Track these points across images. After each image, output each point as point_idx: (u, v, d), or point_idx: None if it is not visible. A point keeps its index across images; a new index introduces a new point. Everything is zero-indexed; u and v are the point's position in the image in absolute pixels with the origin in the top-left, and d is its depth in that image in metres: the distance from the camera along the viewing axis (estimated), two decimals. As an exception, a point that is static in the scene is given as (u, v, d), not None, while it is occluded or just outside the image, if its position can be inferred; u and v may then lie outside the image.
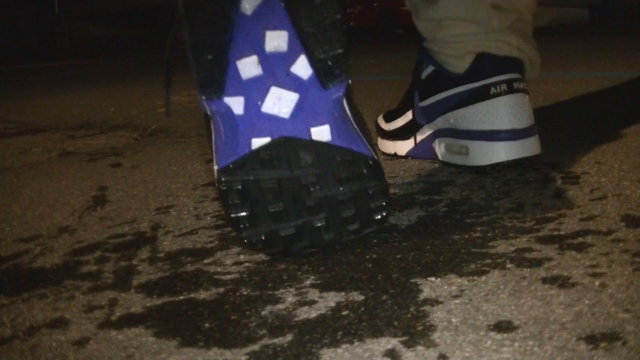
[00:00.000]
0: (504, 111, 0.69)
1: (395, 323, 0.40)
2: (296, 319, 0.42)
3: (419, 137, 0.79)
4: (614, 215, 0.54)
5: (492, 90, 0.70)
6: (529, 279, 0.44)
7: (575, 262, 0.46)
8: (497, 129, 0.69)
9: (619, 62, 1.79)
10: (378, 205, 0.51)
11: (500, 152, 0.69)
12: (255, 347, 0.39)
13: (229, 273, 0.50)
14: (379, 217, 0.52)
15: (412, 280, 0.46)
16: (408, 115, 0.80)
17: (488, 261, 0.48)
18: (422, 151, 0.79)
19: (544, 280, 0.44)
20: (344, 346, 0.38)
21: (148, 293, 0.48)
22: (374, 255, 0.51)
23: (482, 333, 0.38)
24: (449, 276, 0.46)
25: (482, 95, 0.70)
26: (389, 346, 0.37)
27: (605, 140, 0.82)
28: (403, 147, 0.82)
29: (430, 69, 0.76)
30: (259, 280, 0.49)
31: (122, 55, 3.59)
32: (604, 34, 2.98)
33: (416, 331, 0.39)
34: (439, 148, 0.76)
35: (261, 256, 0.53)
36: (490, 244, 0.51)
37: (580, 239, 0.50)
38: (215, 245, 0.57)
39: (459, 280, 0.45)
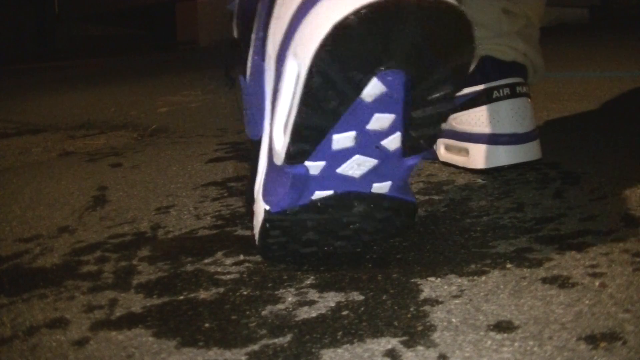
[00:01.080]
0: (505, 115, 0.69)
1: (395, 323, 0.40)
2: (296, 319, 0.42)
3: None
4: (614, 215, 0.54)
5: (495, 93, 0.70)
6: (529, 279, 0.44)
7: (575, 262, 0.46)
8: (498, 133, 0.69)
9: (619, 62, 1.79)
10: (398, 232, 0.53)
11: (501, 156, 0.70)
12: (255, 347, 0.39)
13: (229, 273, 0.50)
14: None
15: (412, 280, 0.46)
16: None
17: (488, 261, 0.48)
18: None
19: (544, 280, 0.44)
20: (344, 346, 0.38)
21: (148, 293, 0.48)
22: (374, 255, 0.51)
23: (482, 333, 0.38)
24: (449, 276, 0.46)
25: (484, 98, 0.70)
26: (389, 346, 0.37)
27: (605, 140, 0.82)
28: None
29: None
30: (259, 280, 0.49)
31: (122, 55, 3.59)
32: (604, 34, 2.98)
33: (416, 331, 0.39)
34: (440, 148, 0.76)
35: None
36: (490, 244, 0.51)
37: (580, 239, 0.50)
38: (215, 245, 0.57)
39: (459, 280, 0.45)
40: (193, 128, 1.25)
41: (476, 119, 0.71)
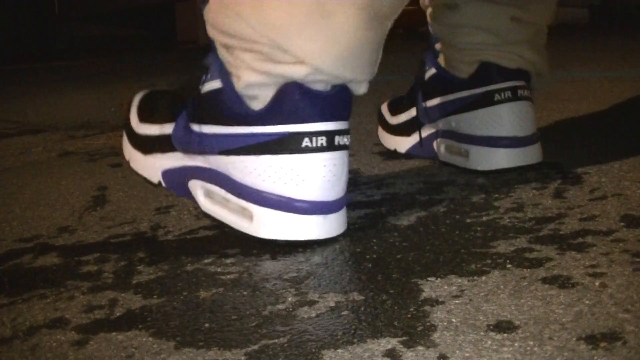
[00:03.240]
0: (507, 118, 0.69)
1: (395, 323, 0.40)
2: (296, 319, 0.42)
3: (422, 135, 0.79)
4: (614, 215, 0.54)
5: (496, 96, 0.70)
6: (529, 279, 0.44)
7: (575, 262, 0.46)
8: (499, 136, 0.70)
9: (619, 62, 1.79)
10: None
11: (501, 159, 0.70)
12: (255, 347, 0.39)
13: (229, 273, 0.50)
14: None
15: (412, 280, 0.46)
16: (412, 112, 0.80)
17: (488, 261, 0.48)
18: (423, 149, 0.79)
19: (544, 280, 0.44)
20: (344, 346, 0.38)
21: (148, 293, 0.48)
22: (374, 255, 0.51)
23: (482, 333, 0.38)
24: (449, 276, 0.46)
25: (485, 101, 0.70)
26: (389, 346, 0.37)
27: (605, 140, 0.82)
28: (404, 143, 0.82)
29: (432, 71, 0.75)
30: (259, 280, 0.49)
31: (122, 55, 3.59)
32: (604, 34, 2.98)
33: (416, 331, 0.39)
34: (440, 148, 0.76)
35: (261, 256, 0.53)
36: (490, 244, 0.51)
37: (580, 239, 0.50)
38: (215, 245, 0.57)
39: (459, 280, 0.45)
40: (193, 128, 1.25)
41: (477, 122, 0.71)
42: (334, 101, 0.52)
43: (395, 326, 0.39)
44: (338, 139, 0.53)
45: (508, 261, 0.47)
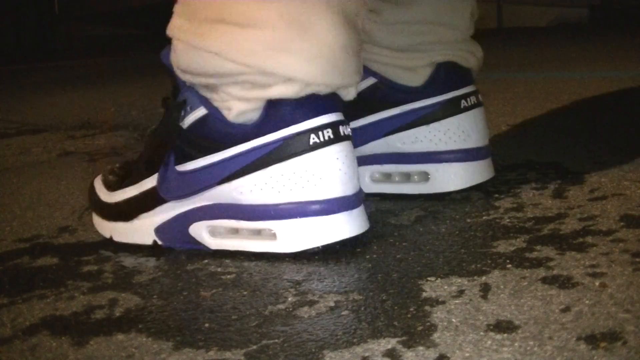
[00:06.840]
0: (475, 127, 0.63)
1: (395, 323, 0.40)
2: (296, 319, 0.42)
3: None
4: (614, 215, 0.54)
5: (463, 103, 0.62)
6: (529, 279, 0.44)
7: (575, 262, 0.46)
8: (470, 147, 0.62)
9: (619, 62, 1.79)
10: None
11: (478, 173, 0.63)
12: (255, 347, 0.39)
13: (229, 273, 0.50)
14: None
15: (412, 280, 0.46)
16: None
17: (488, 261, 0.48)
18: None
19: (544, 280, 0.44)
20: (344, 346, 0.38)
21: (148, 293, 0.48)
22: (374, 255, 0.51)
23: (482, 333, 0.38)
24: (449, 276, 0.46)
25: (452, 109, 0.62)
26: (389, 346, 0.37)
27: (605, 140, 0.82)
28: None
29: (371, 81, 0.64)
30: (259, 280, 0.49)
31: (122, 55, 3.60)
32: (604, 34, 2.98)
33: (416, 331, 0.39)
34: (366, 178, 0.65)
35: (261, 256, 0.53)
36: (490, 244, 0.51)
37: (580, 239, 0.50)
38: (215, 245, 0.57)
39: (459, 280, 0.45)
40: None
41: (440, 135, 0.62)
42: (327, 97, 0.51)
43: (395, 326, 0.39)
44: (342, 129, 0.51)
45: (508, 261, 0.47)
